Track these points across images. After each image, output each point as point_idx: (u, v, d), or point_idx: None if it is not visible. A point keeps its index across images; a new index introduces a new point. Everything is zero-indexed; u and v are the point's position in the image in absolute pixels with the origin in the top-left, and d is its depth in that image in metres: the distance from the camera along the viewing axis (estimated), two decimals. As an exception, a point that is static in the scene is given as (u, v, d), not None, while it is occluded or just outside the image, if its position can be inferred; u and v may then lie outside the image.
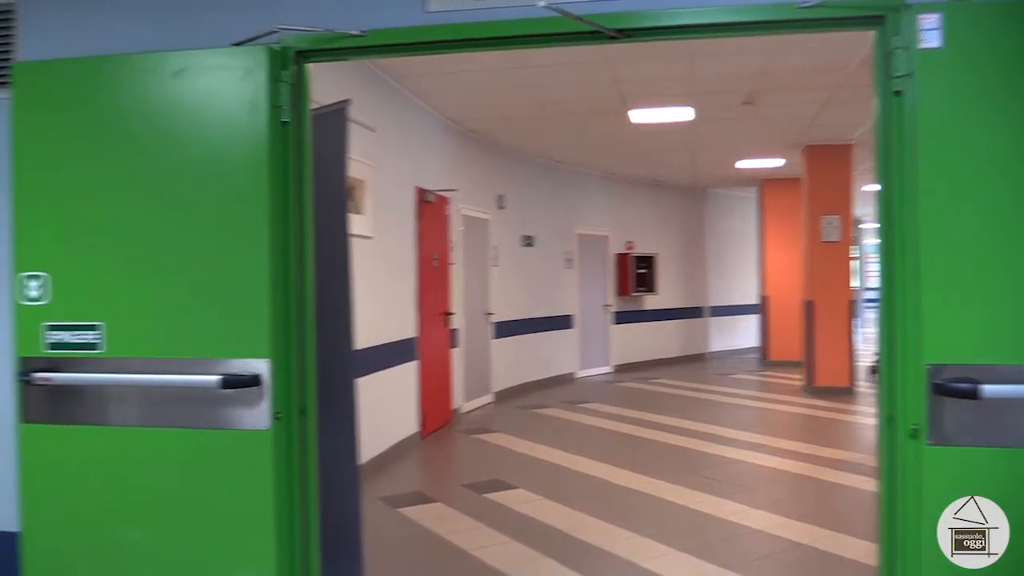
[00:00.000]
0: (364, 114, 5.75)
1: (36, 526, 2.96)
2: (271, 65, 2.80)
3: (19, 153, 2.95)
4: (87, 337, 2.87)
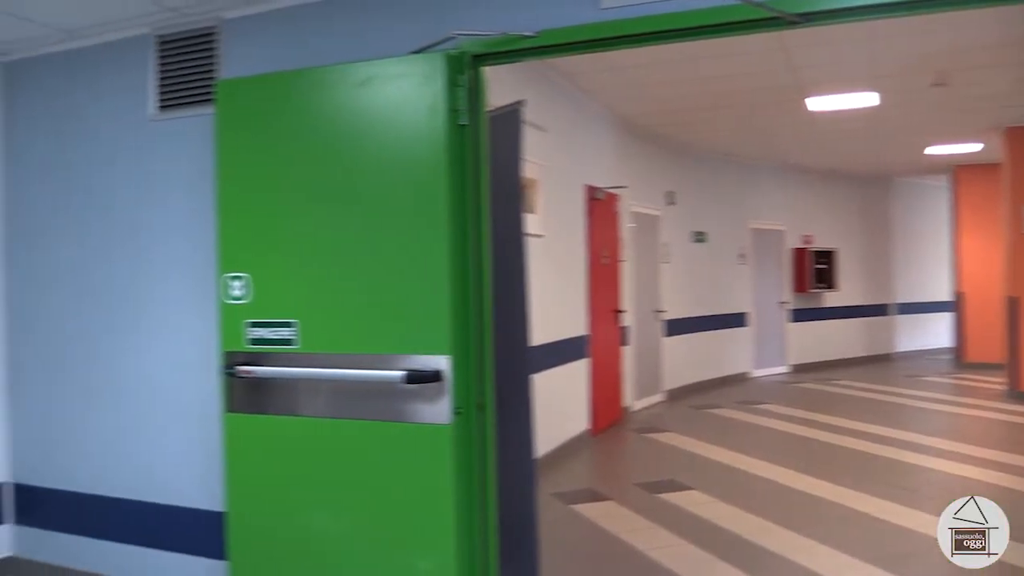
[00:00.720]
0: (533, 113, 5.81)
1: (238, 507, 3.20)
2: (448, 70, 2.88)
3: (222, 164, 3.19)
4: (283, 333, 3.07)
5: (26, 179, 4.21)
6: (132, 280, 3.87)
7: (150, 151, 3.81)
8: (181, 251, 3.72)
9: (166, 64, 3.74)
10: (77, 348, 4.05)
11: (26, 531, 4.23)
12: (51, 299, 4.13)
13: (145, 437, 3.85)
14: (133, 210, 3.87)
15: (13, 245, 4.24)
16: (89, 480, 4.03)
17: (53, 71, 4.12)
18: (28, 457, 4.23)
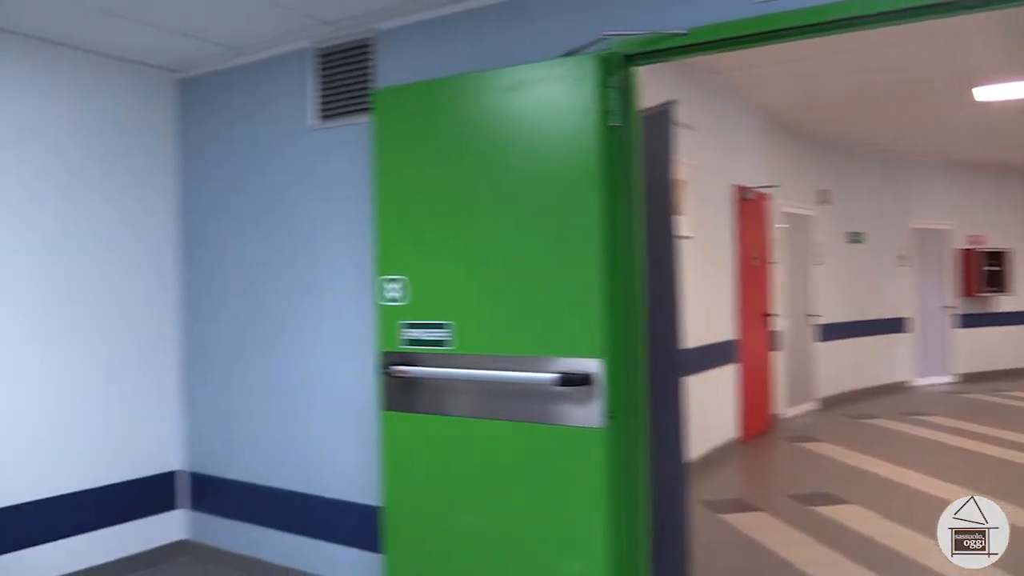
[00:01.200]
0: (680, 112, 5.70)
1: (393, 502, 3.30)
2: (599, 71, 2.86)
3: (379, 170, 3.30)
4: (438, 335, 3.14)
5: (199, 188, 4.51)
6: (296, 282, 4.08)
7: (310, 159, 4.00)
8: (342, 254, 3.88)
9: (325, 75, 3.92)
10: (247, 347, 4.31)
11: (199, 516, 4.53)
12: (223, 300, 4.42)
13: (308, 432, 4.05)
14: (295, 216, 4.07)
15: (189, 248, 4.56)
16: (257, 471, 4.27)
17: (222, 86, 4.40)
18: (202, 448, 4.53)
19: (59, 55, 4.03)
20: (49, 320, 4.02)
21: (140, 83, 4.40)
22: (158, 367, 4.50)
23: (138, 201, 4.41)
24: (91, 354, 4.19)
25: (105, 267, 4.25)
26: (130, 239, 4.37)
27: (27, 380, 3.94)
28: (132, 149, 4.37)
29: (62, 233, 4.07)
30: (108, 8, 3.57)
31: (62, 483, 4.05)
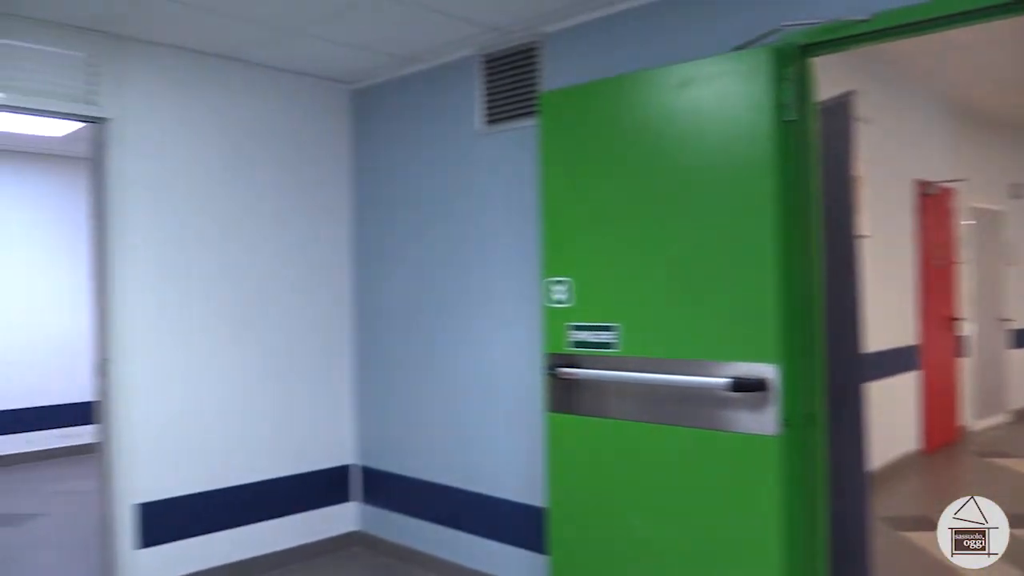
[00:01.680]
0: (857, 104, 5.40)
1: (558, 504, 3.30)
2: (773, 64, 2.75)
3: (545, 173, 3.32)
4: (604, 337, 3.12)
5: (371, 194, 4.71)
6: (466, 282, 4.17)
7: (478, 163, 4.08)
8: (507, 256, 3.93)
9: (491, 81, 3.98)
10: (416, 347, 4.45)
11: (370, 509, 4.72)
12: (393, 302, 4.58)
13: (476, 431, 4.13)
14: (464, 219, 4.17)
15: (361, 251, 4.77)
16: (424, 467, 4.40)
17: (392, 95, 4.56)
18: (372, 443, 4.72)
19: (247, 72, 4.32)
20: (239, 320, 4.31)
21: (319, 96, 4.65)
22: (335, 365, 4.73)
23: (317, 208, 4.66)
24: (276, 351, 4.46)
25: (289, 270, 4.52)
26: (311, 244, 4.62)
27: (220, 375, 4.24)
28: (312, 157, 4.63)
29: (251, 239, 4.36)
30: (293, 27, 3.79)
31: (248, 473, 4.33)
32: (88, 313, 4.18)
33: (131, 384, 3.92)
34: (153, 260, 4.01)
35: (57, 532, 5.25)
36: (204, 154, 4.20)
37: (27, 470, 6.98)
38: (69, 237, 7.24)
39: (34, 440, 7.24)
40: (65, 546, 4.92)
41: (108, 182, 3.88)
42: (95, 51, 3.82)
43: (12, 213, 7.22)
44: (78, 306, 6.41)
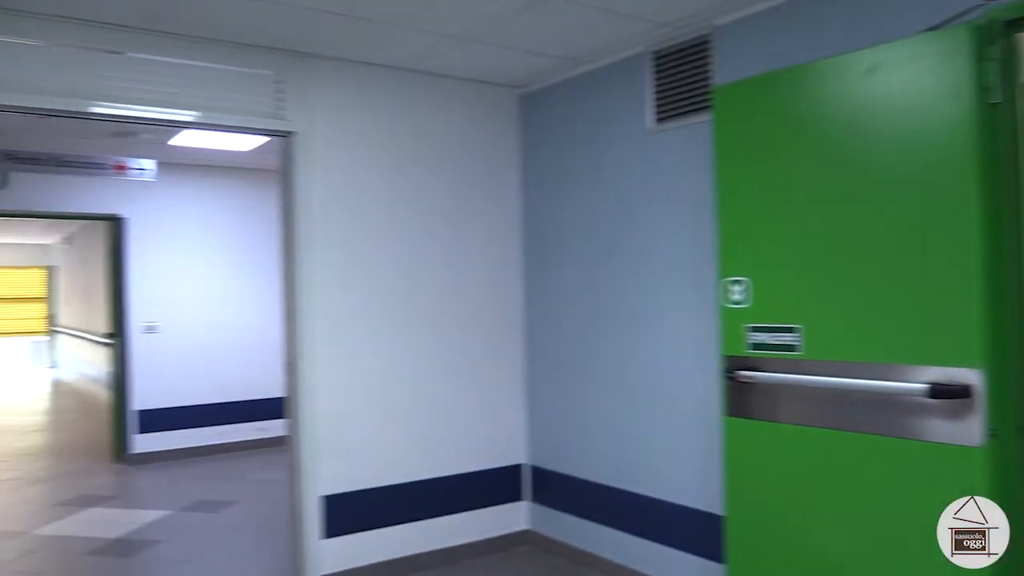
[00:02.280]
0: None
1: (737, 512, 3.19)
2: (975, 42, 2.54)
3: (721, 169, 3.22)
4: (785, 339, 2.98)
5: (539, 195, 4.75)
6: (636, 282, 4.12)
7: (649, 162, 4.02)
8: (681, 256, 3.85)
9: (661, 78, 3.91)
10: (586, 347, 4.44)
11: (540, 509, 4.76)
12: (563, 302, 4.60)
13: (647, 433, 4.07)
14: (635, 218, 4.12)
15: (530, 253, 4.82)
16: (591, 468, 4.39)
17: (559, 97, 4.58)
18: (542, 443, 4.76)
19: (420, 82, 4.46)
20: (417, 322, 4.47)
21: (488, 101, 4.74)
22: (507, 365, 4.81)
23: (489, 212, 4.75)
24: (451, 352, 4.59)
25: (462, 273, 4.64)
26: (483, 247, 4.73)
27: (398, 375, 4.41)
28: (482, 162, 4.73)
29: (426, 244, 4.51)
30: (465, 35, 3.88)
31: (425, 469, 4.48)
32: (278, 315, 4.46)
33: (317, 382, 4.14)
34: (336, 265, 4.22)
35: (249, 519, 5.63)
36: (381, 162, 4.38)
37: (222, 460, 7.53)
38: (261, 244, 7.77)
39: (227, 433, 7.82)
40: (257, 532, 5.27)
41: (295, 192, 4.12)
42: (282, 69, 4.07)
43: (211, 222, 7.85)
44: (271, 309, 6.85)
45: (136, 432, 7.47)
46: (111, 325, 7.67)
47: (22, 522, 5.65)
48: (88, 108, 3.71)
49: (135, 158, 6.79)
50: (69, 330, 15.38)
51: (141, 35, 3.72)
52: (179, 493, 6.35)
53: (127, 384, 7.46)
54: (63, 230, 14.00)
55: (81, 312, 14.18)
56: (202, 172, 7.72)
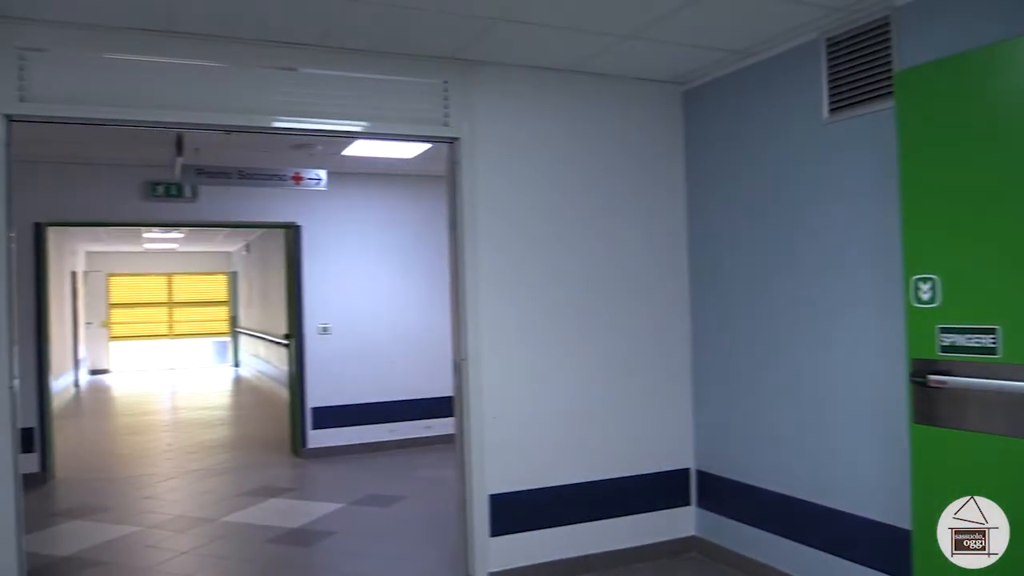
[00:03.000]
0: None
1: (926, 526, 2.97)
2: None
3: (906, 159, 3.02)
4: (982, 340, 2.76)
5: (706, 195, 4.63)
6: (809, 280, 3.94)
7: (823, 154, 3.83)
8: (859, 253, 3.64)
9: (836, 65, 3.72)
10: (755, 347, 4.29)
11: (707, 515, 4.64)
12: (731, 302, 4.47)
13: (822, 439, 3.88)
14: (808, 215, 3.94)
15: (696, 252, 4.71)
16: (763, 475, 4.23)
17: (725, 92, 4.45)
18: (710, 448, 4.64)
19: (581, 83, 4.46)
20: (581, 323, 4.47)
21: (650, 99, 4.67)
22: (673, 367, 4.72)
23: (653, 211, 4.69)
24: (616, 354, 4.56)
25: (627, 273, 4.60)
26: (647, 247, 4.67)
27: (564, 376, 4.43)
28: (645, 161, 4.67)
29: (589, 244, 4.50)
30: (629, 33, 3.85)
31: (590, 471, 4.47)
32: (445, 316, 4.57)
33: (484, 382, 4.22)
34: (501, 267, 4.28)
35: (418, 514, 5.81)
36: (543, 164, 4.41)
37: (391, 456, 7.83)
38: (427, 247, 8.03)
39: (396, 430, 8.12)
40: (425, 527, 5.43)
41: (460, 195, 4.21)
42: (448, 77, 4.17)
43: (379, 227, 8.19)
44: (438, 310, 7.04)
45: (311, 428, 7.89)
46: (288, 327, 8.14)
47: (210, 510, 6.08)
48: (268, 123, 3.95)
49: (309, 169, 7.18)
50: (249, 331, 16.50)
51: (313, 52, 3.92)
52: (351, 487, 6.64)
53: (303, 382, 7.89)
54: (243, 238, 15.04)
55: (259, 314, 15.18)
56: (369, 180, 8.06)
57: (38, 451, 6.85)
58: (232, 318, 18.96)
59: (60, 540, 5.31)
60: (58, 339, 10.24)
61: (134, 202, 7.18)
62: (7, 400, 3.49)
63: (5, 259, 3.49)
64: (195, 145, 6.08)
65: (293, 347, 7.99)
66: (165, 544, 5.23)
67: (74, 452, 8.31)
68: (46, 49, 3.52)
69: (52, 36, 3.52)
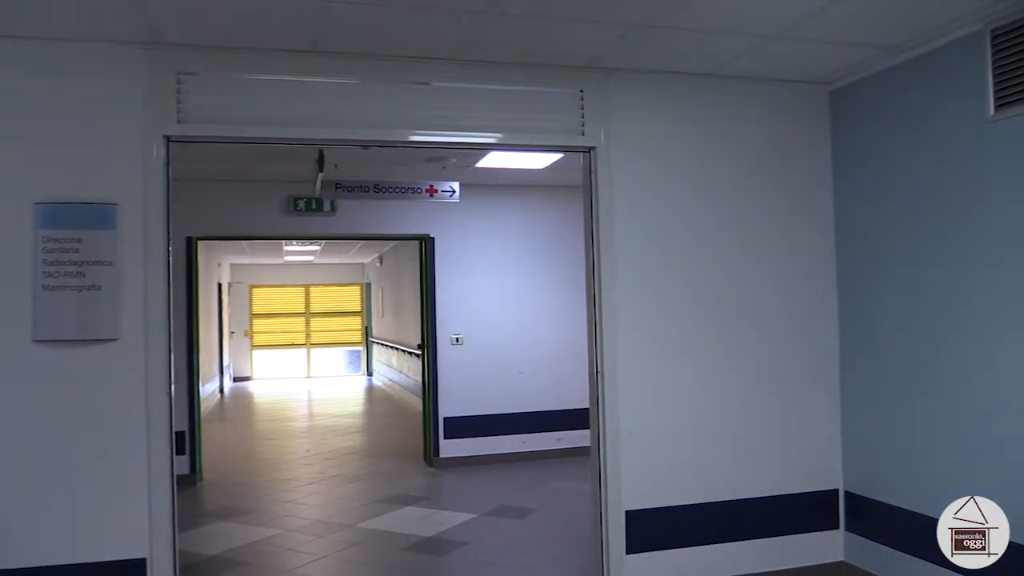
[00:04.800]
0: None
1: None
2: None
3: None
4: None
5: (855, 199, 4.43)
6: (974, 290, 3.69)
7: (988, 153, 3.58)
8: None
9: (1002, 58, 3.47)
10: (911, 360, 4.05)
11: (858, 540, 4.41)
12: (886, 314, 4.23)
13: (989, 462, 3.60)
14: (971, 217, 3.69)
15: (844, 261, 4.50)
16: (921, 498, 3.97)
17: (875, 91, 4.24)
18: (861, 468, 4.41)
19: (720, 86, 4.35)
20: (722, 336, 4.36)
21: (794, 100, 4.50)
22: (819, 381, 4.52)
23: (798, 217, 4.51)
24: (759, 368, 4.41)
25: (770, 284, 4.45)
26: (793, 255, 4.50)
27: (703, 390, 4.32)
28: (789, 165, 4.51)
29: (730, 253, 4.38)
30: (774, 33, 3.73)
31: (731, 489, 4.34)
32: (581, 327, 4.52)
33: (620, 395, 4.16)
34: (640, 278, 4.22)
35: (551, 527, 5.80)
36: (681, 172, 4.32)
37: (523, 468, 7.87)
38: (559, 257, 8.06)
39: (528, 442, 8.15)
40: (558, 541, 5.42)
41: (596, 205, 4.18)
42: (584, 86, 4.16)
43: (510, 238, 8.28)
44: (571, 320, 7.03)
45: (443, 437, 8.03)
46: (421, 337, 8.33)
47: (347, 516, 6.27)
48: (405, 137, 4.06)
49: (442, 181, 7.35)
50: (381, 341, 17.02)
51: (447, 66, 3.99)
52: (483, 497, 6.71)
53: (436, 392, 8.04)
54: (376, 250, 15.55)
55: (392, 325, 15.64)
56: (500, 191, 8.15)
57: (188, 454, 7.28)
58: (365, 328, 19.60)
59: (208, 540, 5.60)
60: (205, 347, 10.85)
61: (277, 216, 7.56)
62: (164, 405, 3.70)
63: (164, 272, 3.72)
64: (335, 160, 6.32)
65: (426, 357, 8.16)
66: (305, 548, 5.43)
67: (220, 455, 8.77)
68: (198, 73, 3.73)
69: (205, 60, 3.73)
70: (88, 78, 3.63)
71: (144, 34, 3.56)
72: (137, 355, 3.64)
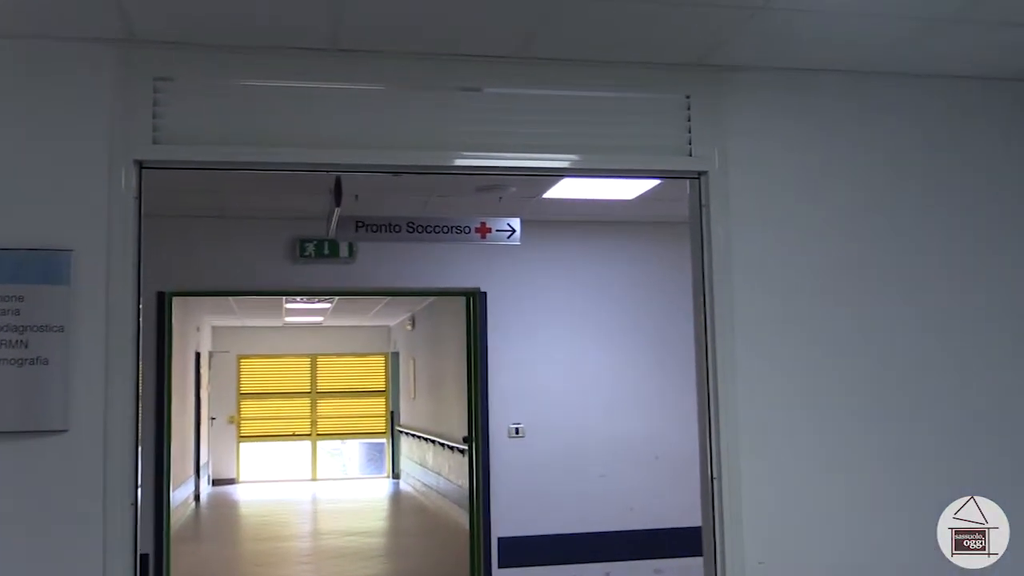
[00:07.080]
0: None
1: None
2: None
3: None
4: None
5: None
6: None
7: None
8: None
9: None
10: None
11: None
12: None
13: None
14: None
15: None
16: None
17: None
18: None
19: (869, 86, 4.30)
20: (886, 420, 4.22)
21: (985, 104, 4.46)
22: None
23: (992, 258, 4.39)
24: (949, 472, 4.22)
25: (954, 348, 4.32)
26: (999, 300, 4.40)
27: (859, 502, 4.17)
28: (984, 192, 4.40)
29: (901, 304, 4.28)
30: (959, 16, 3.70)
31: None
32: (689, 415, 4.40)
33: (746, 509, 4.03)
34: (768, 348, 4.13)
35: None
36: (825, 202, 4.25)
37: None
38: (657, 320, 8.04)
39: (615, 572, 8.05)
40: None
41: (709, 251, 4.11)
42: (690, 90, 4.14)
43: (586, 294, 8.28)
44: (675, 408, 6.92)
45: (497, 565, 7.91)
46: (468, 427, 8.26)
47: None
48: (449, 161, 4.10)
49: (499, 218, 7.27)
50: (413, 431, 16.96)
51: (506, 65, 4.02)
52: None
53: (488, 502, 7.96)
54: (406, 309, 15.58)
55: (427, 409, 15.57)
56: (574, 229, 8.15)
57: (154, 584, 7.29)
58: (391, 413, 19.59)
59: None
60: (178, 439, 10.92)
61: (277, 264, 7.63)
62: (128, 520, 3.67)
63: (132, 341, 3.76)
64: (355, 191, 6.35)
65: (474, 454, 8.09)
66: None
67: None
68: (180, 78, 3.80)
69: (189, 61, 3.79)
70: (36, 86, 3.66)
71: (111, 28, 3.61)
72: (94, 452, 3.64)
